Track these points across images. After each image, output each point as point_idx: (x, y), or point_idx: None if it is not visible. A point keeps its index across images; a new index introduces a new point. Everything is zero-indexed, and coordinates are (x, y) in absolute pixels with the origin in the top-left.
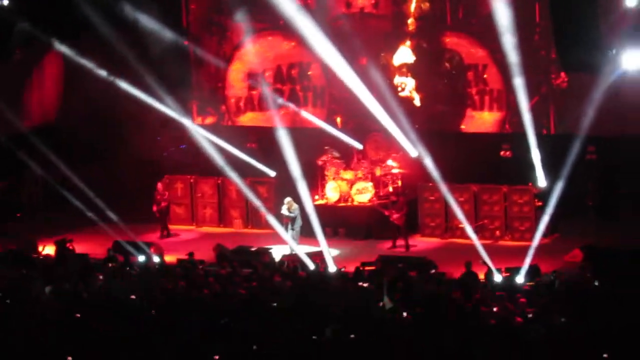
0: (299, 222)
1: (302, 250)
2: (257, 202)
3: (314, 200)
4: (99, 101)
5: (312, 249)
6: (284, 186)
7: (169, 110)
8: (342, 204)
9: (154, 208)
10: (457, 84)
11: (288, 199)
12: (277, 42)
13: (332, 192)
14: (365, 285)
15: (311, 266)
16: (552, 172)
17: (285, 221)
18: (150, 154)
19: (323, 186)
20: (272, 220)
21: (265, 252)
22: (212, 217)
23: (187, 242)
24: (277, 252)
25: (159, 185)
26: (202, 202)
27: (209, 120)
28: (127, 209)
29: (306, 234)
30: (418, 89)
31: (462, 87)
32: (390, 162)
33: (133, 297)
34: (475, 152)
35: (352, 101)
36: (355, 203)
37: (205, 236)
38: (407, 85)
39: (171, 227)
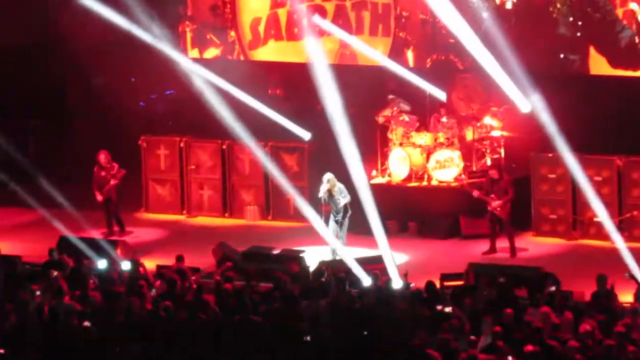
0: (346, 212)
1: (352, 255)
2: (281, 180)
3: (370, 177)
4: (48, 23)
5: (367, 252)
6: (324, 155)
7: (151, 37)
8: (414, 184)
9: (97, 195)
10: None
11: (329, 176)
12: None
13: (398, 165)
14: (448, 310)
15: (365, 280)
16: None
17: (324, 209)
18: (120, 103)
19: (385, 156)
20: (304, 207)
21: (294, 258)
22: (212, 201)
23: (174, 240)
24: (313, 258)
25: (102, 156)
26: (198, 178)
27: (211, 52)
28: (83, 188)
29: (358, 229)
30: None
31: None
32: (488, 120)
33: (87, 323)
34: (619, 107)
35: (431, 27)
36: (435, 182)
37: (202, 231)
38: None
39: (150, 216)
